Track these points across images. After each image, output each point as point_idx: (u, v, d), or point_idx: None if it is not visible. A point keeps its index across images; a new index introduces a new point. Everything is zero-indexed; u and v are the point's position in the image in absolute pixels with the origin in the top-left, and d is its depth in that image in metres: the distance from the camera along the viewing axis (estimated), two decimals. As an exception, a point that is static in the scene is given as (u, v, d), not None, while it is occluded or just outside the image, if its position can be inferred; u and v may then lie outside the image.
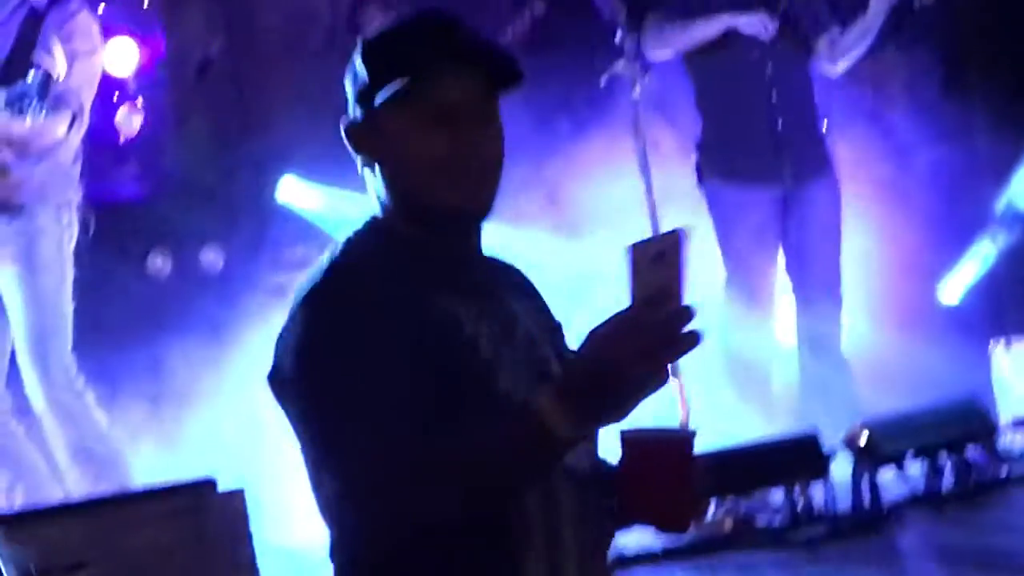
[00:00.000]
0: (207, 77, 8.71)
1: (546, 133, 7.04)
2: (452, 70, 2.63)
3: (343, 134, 2.72)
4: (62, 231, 5.91)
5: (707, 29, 6.49)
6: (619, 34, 5.93)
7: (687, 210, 6.62)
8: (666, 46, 6.49)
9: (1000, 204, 7.65)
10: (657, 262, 2.26)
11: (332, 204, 7.30)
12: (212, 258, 7.91)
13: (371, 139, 2.67)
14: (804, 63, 6.72)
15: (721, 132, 6.67)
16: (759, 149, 6.60)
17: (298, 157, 6.83)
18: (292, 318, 2.62)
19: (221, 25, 9.21)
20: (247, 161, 7.92)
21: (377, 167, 2.69)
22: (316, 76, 7.81)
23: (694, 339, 2.21)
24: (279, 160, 7.78)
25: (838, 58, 6.72)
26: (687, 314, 2.21)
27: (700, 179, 6.71)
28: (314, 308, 2.58)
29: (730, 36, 6.52)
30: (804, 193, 6.66)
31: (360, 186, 2.73)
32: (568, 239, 7.23)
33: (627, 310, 2.27)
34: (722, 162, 6.65)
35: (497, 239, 2.88)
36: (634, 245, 2.31)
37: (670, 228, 2.38)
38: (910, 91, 7.91)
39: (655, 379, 2.28)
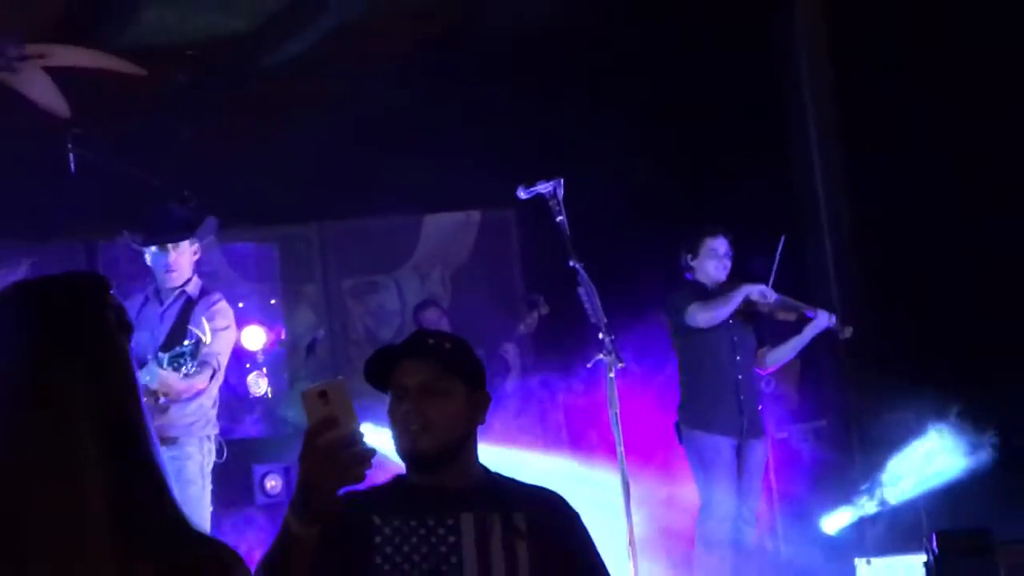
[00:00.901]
0: (313, 353, 8.76)
1: (548, 396, 7.17)
2: (407, 363, 2.86)
3: None
4: (203, 456, 5.81)
5: (736, 299, 6.56)
6: (602, 335, 5.87)
7: (643, 456, 6.59)
8: (714, 319, 6.55)
9: (872, 473, 7.51)
10: (323, 399, 2.24)
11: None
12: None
13: None
14: (754, 361, 6.78)
15: (701, 396, 6.64)
16: (728, 409, 6.57)
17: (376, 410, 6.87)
18: None
19: (324, 318, 9.49)
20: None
21: None
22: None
23: (359, 454, 2.18)
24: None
25: (769, 365, 6.87)
26: (350, 436, 2.19)
27: (679, 434, 6.66)
28: None
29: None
30: (749, 446, 6.63)
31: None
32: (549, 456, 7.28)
33: (306, 433, 2.25)
34: (702, 418, 6.59)
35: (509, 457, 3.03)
36: (305, 390, 2.31)
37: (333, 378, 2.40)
38: (801, 377, 7.96)
39: (339, 481, 2.22)
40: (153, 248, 5.92)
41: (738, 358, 6.65)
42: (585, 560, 2.86)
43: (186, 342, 5.48)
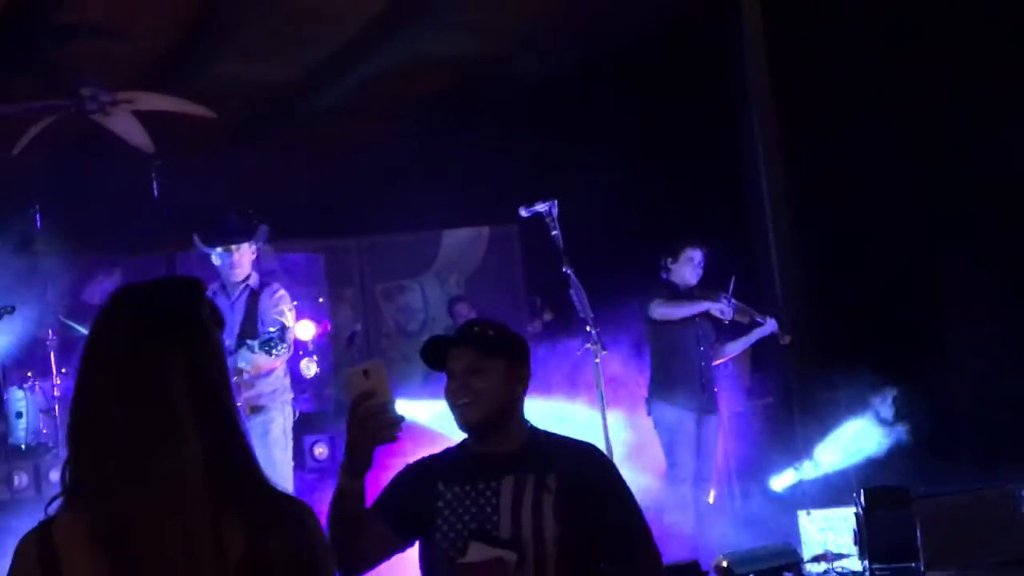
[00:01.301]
0: (353, 344, 8.87)
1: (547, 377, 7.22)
2: (454, 349, 2.85)
3: None
4: (285, 419, 5.83)
5: (694, 308, 6.63)
6: (589, 328, 5.81)
7: (621, 420, 6.58)
8: (668, 314, 6.61)
9: (811, 443, 7.53)
10: (366, 375, 2.44)
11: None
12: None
13: None
14: (712, 352, 6.83)
15: (669, 376, 6.67)
16: (692, 388, 6.62)
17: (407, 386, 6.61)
18: None
19: (360, 315, 9.50)
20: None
21: None
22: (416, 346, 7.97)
23: (392, 419, 2.40)
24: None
25: (723, 356, 6.97)
26: (385, 405, 2.38)
27: (649, 407, 6.66)
28: None
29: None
30: (706, 419, 6.67)
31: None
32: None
33: (351, 403, 2.42)
34: (669, 395, 6.62)
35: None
36: (348, 369, 2.50)
37: (375, 359, 2.59)
38: (753, 364, 8.09)
39: (375, 441, 2.42)
40: (219, 249, 5.95)
41: (701, 348, 6.72)
42: (613, 506, 2.79)
43: (272, 329, 5.53)
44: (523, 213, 5.89)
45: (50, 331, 7.51)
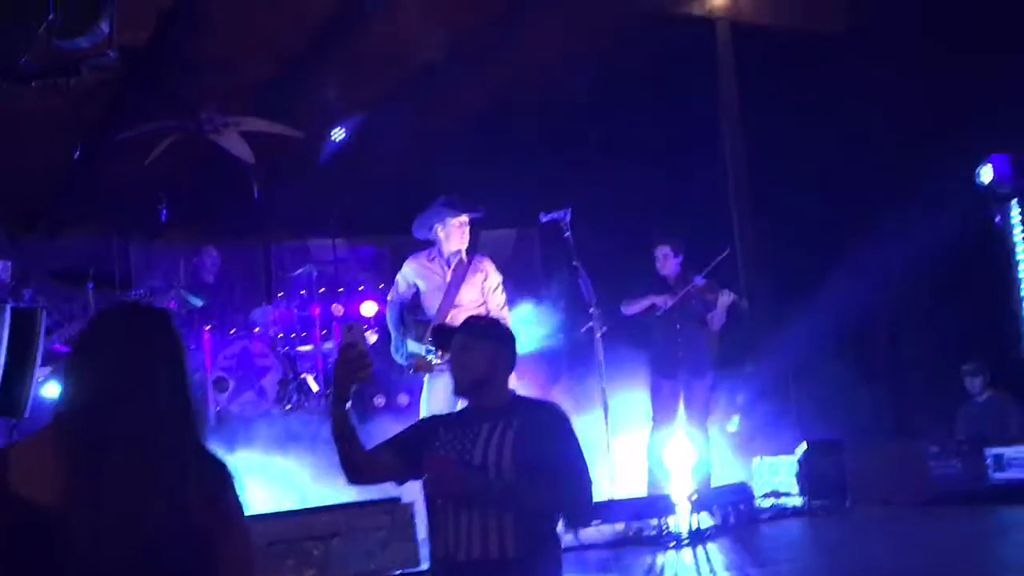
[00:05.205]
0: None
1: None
2: (455, 335, 2.97)
3: None
4: None
5: (644, 303, 6.50)
6: (591, 310, 5.99)
7: (622, 387, 6.59)
8: (626, 311, 6.50)
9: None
10: (350, 331, 2.57)
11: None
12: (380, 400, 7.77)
13: None
14: (698, 324, 6.60)
15: (658, 353, 6.54)
16: (672, 363, 6.49)
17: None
18: None
19: None
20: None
21: None
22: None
23: (365, 363, 2.47)
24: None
25: (712, 327, 6.66)
26: (361, 352, 2.49)
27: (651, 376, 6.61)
28: None
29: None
30: (694, 384, 6.53)
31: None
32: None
33: (339, 351, 2.52)
34: (658, 367, 6.54)
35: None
36: (342, 325, 2.69)
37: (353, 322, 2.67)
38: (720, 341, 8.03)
39: (352, 380, 2.49)
40: (436, 225, 5.57)
41: (678, 327, 6.57)
42: (556, 446, 2.83)
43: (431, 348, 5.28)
44: (543, 219, 5.96)
45: (172, 302, 7.67)
